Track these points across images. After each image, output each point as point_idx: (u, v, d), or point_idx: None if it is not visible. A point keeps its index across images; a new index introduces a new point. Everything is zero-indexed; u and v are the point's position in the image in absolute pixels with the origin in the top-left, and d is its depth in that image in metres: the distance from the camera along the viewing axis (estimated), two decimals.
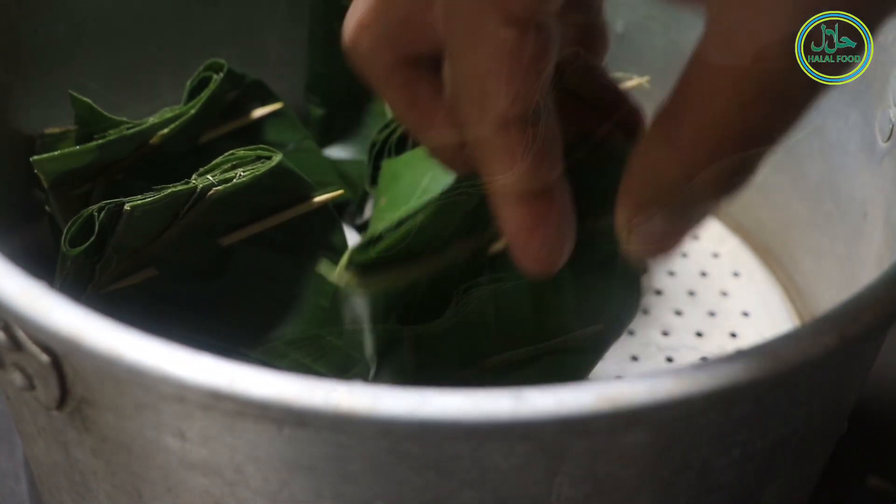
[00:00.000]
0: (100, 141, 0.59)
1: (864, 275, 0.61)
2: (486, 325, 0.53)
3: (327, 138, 0.68)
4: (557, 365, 0.54)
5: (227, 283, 0.55)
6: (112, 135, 0.59)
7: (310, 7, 0.66)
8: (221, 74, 0.60)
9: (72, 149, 0.59)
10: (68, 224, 0.53)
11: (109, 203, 0.53)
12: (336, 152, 0.68)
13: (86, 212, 0.53)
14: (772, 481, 0.48)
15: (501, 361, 0.54)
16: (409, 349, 0.51)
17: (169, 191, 0.54)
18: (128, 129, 0.60)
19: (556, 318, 0.55)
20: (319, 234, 0.58)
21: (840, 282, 0.65)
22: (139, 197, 0.53)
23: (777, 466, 0.47)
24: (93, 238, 0.50)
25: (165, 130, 0.60)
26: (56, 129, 0.62)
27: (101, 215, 0.53)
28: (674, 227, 0.42)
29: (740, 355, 0.41)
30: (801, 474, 0.51)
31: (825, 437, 0.50)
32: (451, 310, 0.52)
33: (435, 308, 0.55)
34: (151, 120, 0.60)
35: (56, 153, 0.58)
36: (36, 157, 0.58)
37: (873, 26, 0.39)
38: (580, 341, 0.55)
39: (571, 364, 0.54)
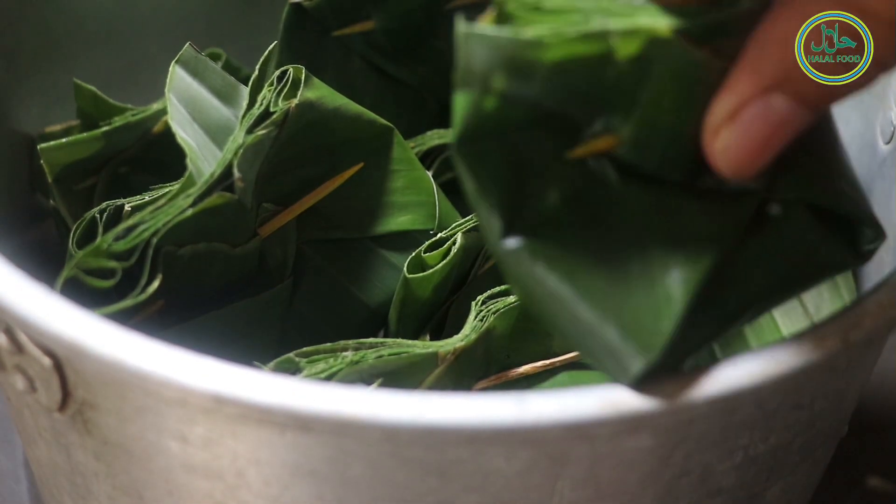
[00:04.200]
0: (105, 128, 0.59)
1: (865, 279, 0.61)
2: (504, 337, 0.53)
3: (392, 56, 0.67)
4: (574, 380, 0.54)
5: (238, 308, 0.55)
6: (117, 121, 0.60)
7: None
8: (220, 63, 0.60)
9: (78, 136, 0.59)
10: (75, 226, 0.53)
11: (111, 204, 0.53)
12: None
13: (89, 214, 0.53)
14: (773, 484, 0.48)
15: (518, 375, 0.54)
16: (447, 365, 0.52)
17: (167, 189, 0.54)
18: (132, 115, 0.60)
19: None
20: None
21: None
22: (138, 197, 0.53)
23: (779, 470, 0.47)
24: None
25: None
26: (57, 127, 0.62)
27: (104, 217, 0.53)
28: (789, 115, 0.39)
29: (742, 359, 0.41)
30: (803, 477, 0.51)
31: (826, 440, 0.51)
32: (469, 324, 0.53)
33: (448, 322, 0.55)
34: (155, 106, 0.60)
35: (63, 141, 0.58)
36: (43, 146, 0.58)
37: None
38: None
39: (588, 379, 0.54)
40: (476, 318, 0.53)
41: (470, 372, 0.53)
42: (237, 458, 0.43)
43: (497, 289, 0.54)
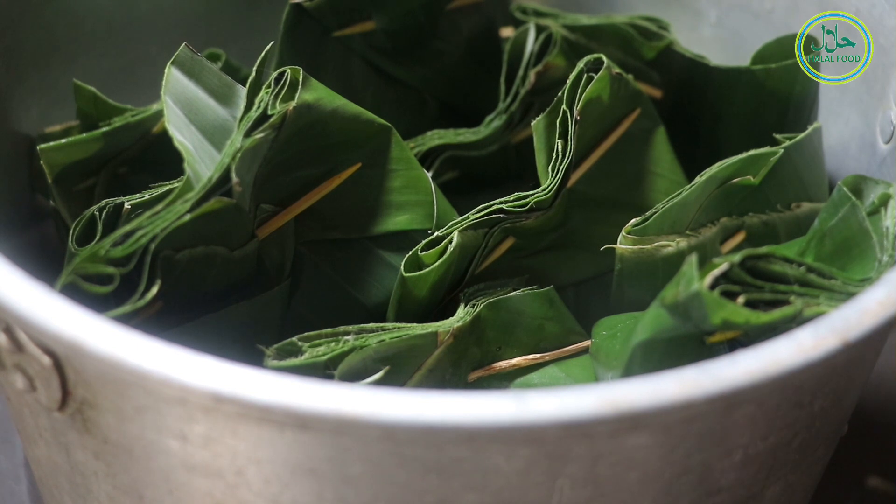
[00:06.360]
0: (105, 129, 0.59)
1: None
2: (494, 328, 0.54)
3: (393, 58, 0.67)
4: (565, 372, 0.54)
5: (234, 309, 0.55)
6: (117, 122, 0.60)
7: None
8: (220, 64, 0.60)
9: (78, 136, 0.59)
10: (74, 223, 0.53)
11: (110, 202, 0.53)
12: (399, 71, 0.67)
13: (88, 212, 0.53)
14: (773, 483, 0.48)
15: (511, 367, 0.54)
16: (445, 350, 0.52)
17: (167, 188, 0.54)
18: (132, 115, 0.60)
19: (560, 325, 0.56)
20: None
21: None
22: (137, 196, 0.53)
23: (778, 468, 0.47)
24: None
25: None
26: (57, 127, 0.62)
27: (103, 215, 0.53)
28: None
29: (742, 358, 0.41)
30: (803, 476, 0.51)
31: (826, 439, 0.51)
32: (461, 310, 0.53)
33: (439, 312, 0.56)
34: (155, 107, 0.60)
35: (62, 141, 0.58)
36: (42, 146, 0.58)
37: None
38: (584, 349, 0.55)
39: (579, 372, 0.55)
40: (467, 306, 0.53)
41: (467, 357, 0.53)
42: (237, 456, 0.43)
43: (483, 283, 0.54)
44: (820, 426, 0.48)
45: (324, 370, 0.49)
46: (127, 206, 0.53)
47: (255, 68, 0.54)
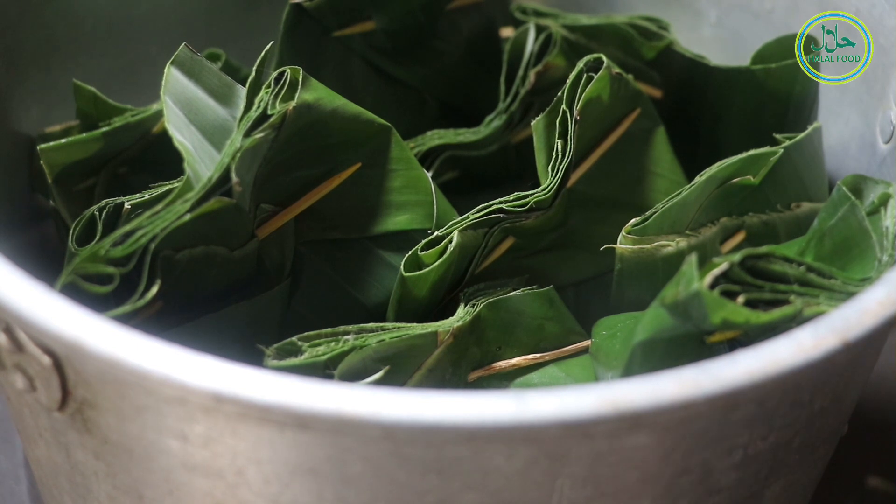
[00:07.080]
0: (105, 129, 0.59)
1: None
2: (494, 328, 0.54)
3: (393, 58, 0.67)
4: (564, 371, 0.54)
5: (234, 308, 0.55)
6: (117, 122, 0.60)
7: None
8: (220, 64, 0.60)
9: (78, 136, 0.59)
10: (74, 223, 0.53)
11: (110, 202, 0.53)
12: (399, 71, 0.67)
13: (88, 212, 0.53)
14: (773, 483, 0.48)
15: (511, 367, 0.54)
16: (445, 350, 0.52)
17: (167, 188, 0.54)
18: (132, 115, 0.60)
19: (560, 325, 0.56)
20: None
21: None
22: (137, 196, 0.53)
23: (778, 468, 0.47)
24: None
25: None
26: (57, 127, 0.62)
27: (103, 215, 0.53)
28: None
29: (742, 358, 0.41)
30: (803, 476, 0.51)
31: (826, 439, 0.51)
32: (461, 310, 0.53)
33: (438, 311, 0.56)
34: (155, 107, 0.60)
35: (62, 141, 0.58)
36: (42, 146, 0.58)
37: None
38: (584, 349, 0.55)
39: (578, 372, 0.55)
40: (466, 306, 0.54)
41: (467, 357, 0.53)
42: (237, 456, 0.43)
43: (483, 283, 0.55)
44: (820, 426, 0.48)
45: (324, 370, 0.49)
46: (127, 206, 0.53)
47: (254, 68, 0.54)
